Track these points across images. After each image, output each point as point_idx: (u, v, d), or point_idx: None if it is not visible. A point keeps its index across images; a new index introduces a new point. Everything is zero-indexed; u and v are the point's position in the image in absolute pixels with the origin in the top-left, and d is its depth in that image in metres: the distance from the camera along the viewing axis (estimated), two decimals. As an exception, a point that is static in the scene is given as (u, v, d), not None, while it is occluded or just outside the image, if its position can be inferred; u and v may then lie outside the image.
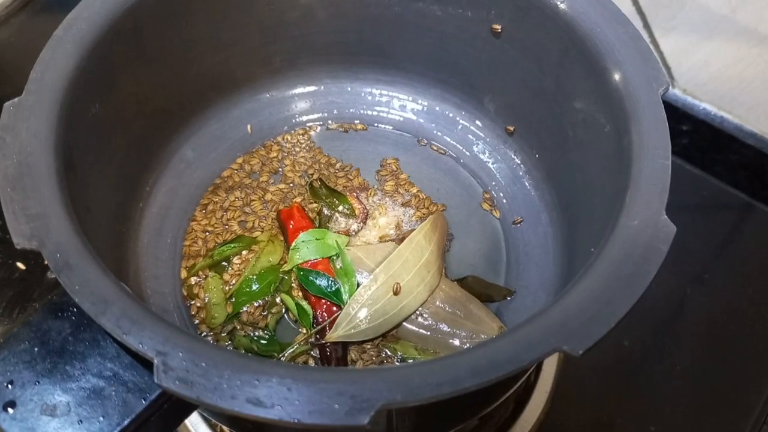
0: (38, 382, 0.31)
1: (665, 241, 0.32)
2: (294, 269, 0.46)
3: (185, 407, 0.34)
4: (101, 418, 0.30)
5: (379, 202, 0.51)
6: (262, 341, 0.44)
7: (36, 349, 0.32)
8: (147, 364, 0.30)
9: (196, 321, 0.45)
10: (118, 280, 0.31)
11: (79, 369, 0.31)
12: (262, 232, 0.49)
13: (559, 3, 0.42)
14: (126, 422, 0.30)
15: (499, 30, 0.47)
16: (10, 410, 0.30)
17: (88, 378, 0.31)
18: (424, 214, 0.51)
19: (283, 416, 0.27)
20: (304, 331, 0.45)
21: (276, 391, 0.27)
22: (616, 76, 0.39)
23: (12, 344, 0.32)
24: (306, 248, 0.46)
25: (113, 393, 0.31)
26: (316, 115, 0.56)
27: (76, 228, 0.32)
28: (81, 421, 0.30)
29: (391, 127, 0.56)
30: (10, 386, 0.31)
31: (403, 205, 0.51)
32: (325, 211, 0.50)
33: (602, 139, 0.41)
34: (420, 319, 0.44)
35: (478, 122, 0.54)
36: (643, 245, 0.32)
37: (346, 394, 0.27)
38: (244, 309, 0.46)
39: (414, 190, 0.52)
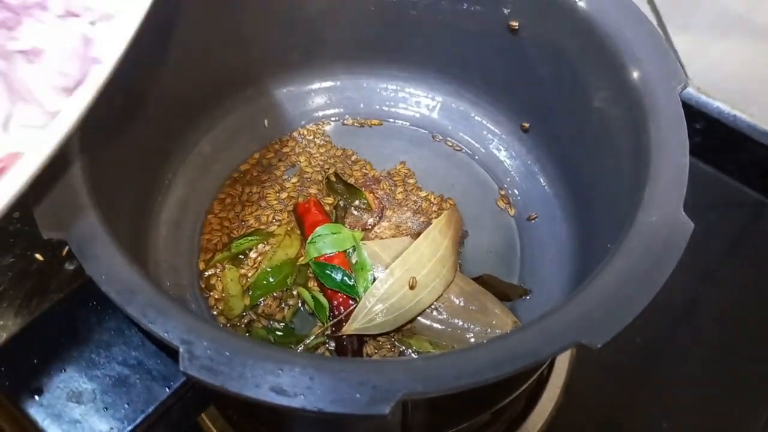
0: (64, 370, 0.32)
1: (683, 237, 0.32)
2: (310, 262, 0.46)
3: (207, 396, 0.34)
4: (126, 405, 0.31)
5: (390, 207, 0.51)
6: (279, 333, 0.45)
7: (62, 337, 0.32)
8: (171, 353, 0.31)
9: (214, 312, 0.46)
10: (142, 271, 0.32)
11: (104, 357, 0.32)
12: (278, 225, 0.50)
13: (577, 0, 0.42)
14: (150, 409, 0.31)
15: (517, 27, 0.47)
16: (37, 397, 0.31)
17: (113, 366, 0.32)
18: (437, 214, 0.51)
19: (306, 405, 0.27)
20: (321, 323, 0.45)
21: (299, 380, 0.28)
22: (635, 74, 0.39)
23: (38, 332, 0.32)
24: (322, 242, 0.47)
25: (138, 381, 0.31)
26: (332, 111, 0.57)
27: (101, 218, 0.33)
28: (106, 408, 0.31)
29: (406, 123, 0.56)
30: (37, 373, 0.32)
31: (414, 212, 0.51)
32: (342, 205, 0.51)
33: (619, 136, 0.41)
34: (435, 313, 0.45)
35: (493, 119, 0.55)
36: (661, 241, 0.32)
37: (367, 384, 0.27)
38: (261, 301, 0.46)
39: (423, 194, 0.52)
